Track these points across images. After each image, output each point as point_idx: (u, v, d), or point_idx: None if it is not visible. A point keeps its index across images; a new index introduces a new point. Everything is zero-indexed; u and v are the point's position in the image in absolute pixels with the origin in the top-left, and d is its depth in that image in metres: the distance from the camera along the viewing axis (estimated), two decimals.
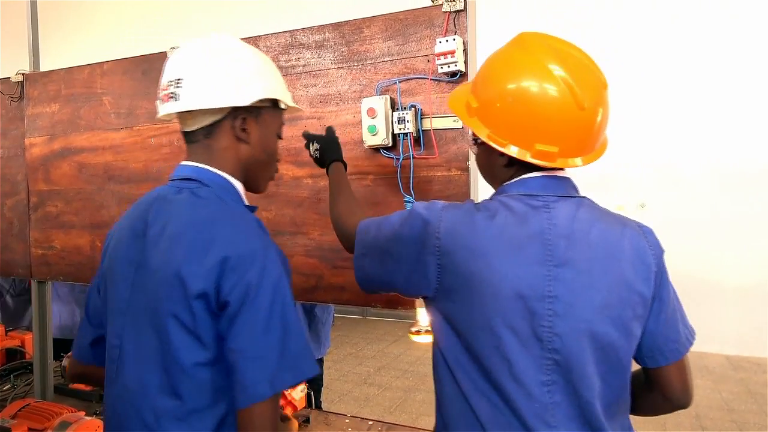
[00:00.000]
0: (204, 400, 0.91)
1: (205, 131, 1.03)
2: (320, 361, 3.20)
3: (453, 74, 1.42)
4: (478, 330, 0.94)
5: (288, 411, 1.25)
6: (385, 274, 1.07)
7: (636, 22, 4.58)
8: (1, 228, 2.29)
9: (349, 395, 4.45)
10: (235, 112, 1.02)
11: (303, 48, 1.66)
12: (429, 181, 1.49)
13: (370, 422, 1.93)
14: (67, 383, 2.28)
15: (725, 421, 3.80)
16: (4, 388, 2.30)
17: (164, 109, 1.03)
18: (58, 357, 2.41)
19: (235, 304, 0.88)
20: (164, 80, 1.03)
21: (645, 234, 1.00)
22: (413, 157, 1.49)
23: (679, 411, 1.04)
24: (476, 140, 1.06)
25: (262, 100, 1.04)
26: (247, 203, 1.07)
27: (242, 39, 1.74)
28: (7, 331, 2.70)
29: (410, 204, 1.48)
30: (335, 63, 1.61)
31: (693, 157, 4.41)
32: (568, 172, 1.02)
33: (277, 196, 1.70)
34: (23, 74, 2.20)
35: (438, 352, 1.03)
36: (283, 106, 1.09)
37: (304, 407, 1.98)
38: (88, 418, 1.83)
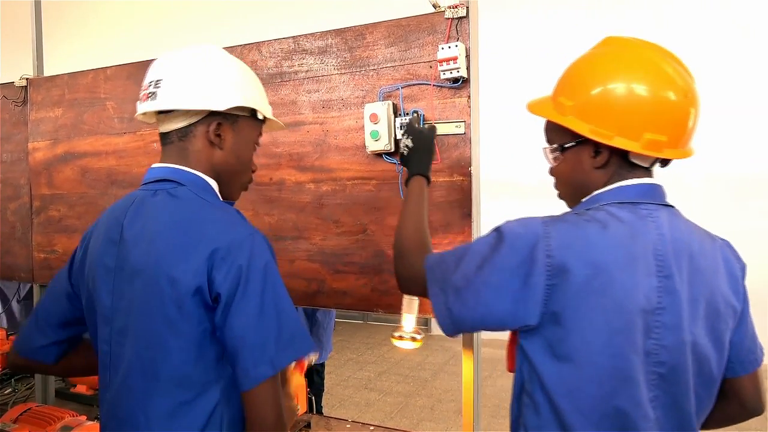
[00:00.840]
0: (191, 395, 0.94)
1: (180, 133, 1.04)
2: (322, 366, 3.19)
3: (455, 80, 1.43)
4: (596, 353, 0.88)
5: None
6: (480, 311, 0.94)
7: (634, 32, 4.60)
8: (3, 232, 2.30)
9: (349, 400, 4.44)
10: (211, 116, 1.03)
11: (306, 54, 1.67)
12: (431, 187, 1.49)
13: (372, 427, 1.93)
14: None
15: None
16: (6, 393, 2.30)
17: (142, 107, 1.05)
18: None
19: (228, 292, 0.91)
20: (145, 81, 1.05)
21: (729, 246, 1.01)
22: None
23: None
24: (561, 147, 1.02)
25: (240, 108, 1.05)
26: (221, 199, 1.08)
27: (246, 45, 1.77)
28: (8, 335, 2.70)
29: None
30: (338, 69, 1.62)
31: (699, 166, 4.42)
32: (657, 179, 1.01)
33: (279, 201, 1.71)
34: (27, 79, 2.21)
35: (537, 387, 0.94)
36: (260, 116, 1.10)
37: (305, 412, 1.98)
38: (89, 422, 1.83)
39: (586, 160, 1.00)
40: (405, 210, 1.19)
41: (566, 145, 1.02)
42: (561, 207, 1.13)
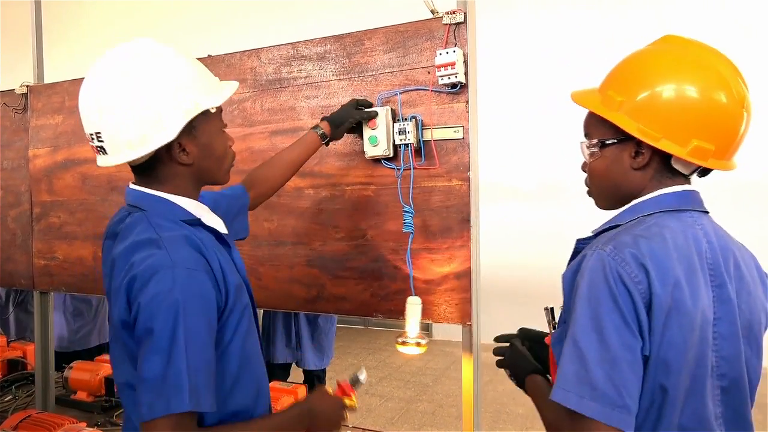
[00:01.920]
0: None
1: (144, 165, 1.01)
2: (323, 372, 3.18)
3: (453, 85, 1.43)
4: (673, 373, 0.85)
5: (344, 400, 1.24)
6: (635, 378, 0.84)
7: (639, 33, 4.61)
8: (4, 239, 2.30)
9: None
10: (167, 144, 0.98)
11: (305, 60, 1.67)
12: (430, 192, 1.50)
13: None
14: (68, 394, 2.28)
15: None
16: (6, 400, 2.29)
17: (101, 161, 1.01)
18: (59, 368, 2.41)
19: (134, 324, 0.91)
20: (85, 127, 0.99)
21: (753, 255, 1.01)
22: (414, 168, 1.50)
23: None
24: (602, 142, 0.98)
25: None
26: (197, 215, 1.05)
27: (245, 51, 1.78)
28: (8, 342, 2.70)
29: (409, 214, 1.48)
30: (337, 75, 1.63)
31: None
32: (695, 186, 0.98)
33: (278, 207, 1.71)
34: (27, 86, 2.22)
35: None
36: (213, 110, 1.02)
37: None
38: (89, 429, 1.83)
39: (626, 160, 0.95)
40: (538, 408, 1.02)
41: (607, 142, 0.97)
42: (562, 211, 1.14)
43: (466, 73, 1.43)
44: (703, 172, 0.98)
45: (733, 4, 4.53)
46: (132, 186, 1.05)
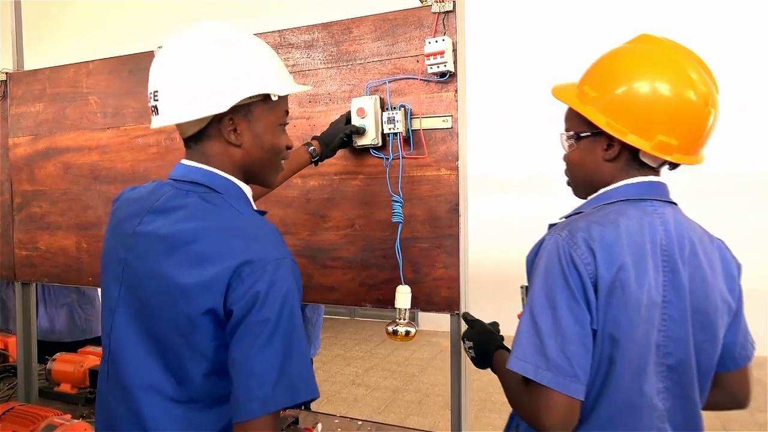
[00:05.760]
0: (198, 407, 0.91)
1: (195, 138, 0.99)
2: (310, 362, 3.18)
3: (442, 74, 1.43)
4: (621, 347, 0.92)
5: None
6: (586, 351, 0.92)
7: (627, 23, 4.63)
8: None
9: (337, 396, 4.44)
10: (220, 116, 0.96)
11: (292, 48, 1.65)
12: (418, 181, 1.50)
13: (360, 422, 1.93)
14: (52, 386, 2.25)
15: (709, 418, 3.85)
16: None
17: (153, 122, 0.99)
18: (42, 360, 2.38)
19: (239, 313, 0.85)
20: (149, 88, 0.99)
21: (726, 246, 1.06)
22: (403, 157, 1.50)
23: None
24: (577, 135, 1.05)
25: (249, 96, 0.96)
26: (255, 207, 1.03)
27: None
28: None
29: (398, 204, 1.48)
30: (324, 63, 1.61)
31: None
32: (663, 178, 1.04)
33: (266, 196, 1.70)
34: (6, 73, 2.16)
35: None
36: (274, 98, 0.99)
37: (293, 408, 1.98)
38: (74, 421, 1.81)
39: (599, 152, 1.03)
40: (501, 380, 1.06)
41: (582, 134, 1.05)
42: (550, 202, 1.15)
43: (455, 62, 1.42)
44: (673, 166, 1.04)
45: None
46: (187, 162, 1.00)
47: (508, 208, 5.63)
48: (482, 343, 1.20)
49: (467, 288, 1.49)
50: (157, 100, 0.96)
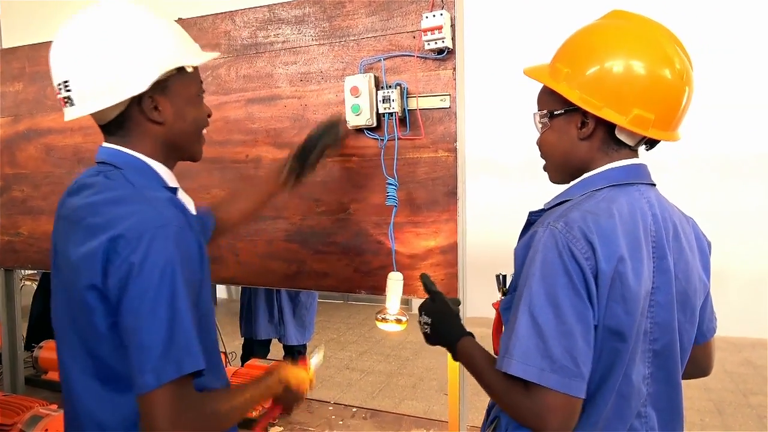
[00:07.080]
0: (120, 387, 0.92)
1: (115, 123, 0.97)
2: (303, 347, 3.16)
3: (440, 51, 1.36)
4: (625, 339, 0.91)
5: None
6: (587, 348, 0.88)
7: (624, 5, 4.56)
8: None
9: (331, 380, 4.42)
10: (139, 97, 0.94)
11: (282, 23, 1.58)
12: (415, 163, 1.44)
13: (354, 409, 1.90)
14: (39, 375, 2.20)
15: (702, 401, 3.87)
16: None
17: (68, 114, 0.96)
18: (29, 348, 2.33)
19: (117, 284, 0.85)
20: (54, 80, 0.96)
21: (696, 224, 1.07)
22: (398, 138, 1.44)
23: None
24: (550, 113, 1.01)
25: (164, 73, 0.95)
26: (171, 184, 1.02)
27: (218, 14, 1.67)
28: None
29: (393, 187, 1.43)
30: (316, 39, 1.54)
31: (687, 148, 4.44)
32: (642, 160, 1.02)
33: (257, 180, 1.64)
34: None
35: None
36: (189, 69, 1.00)
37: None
38: (60, 411, 1.76)
39: (573, 131, 0.99)
40: (478, 374, 1.01)
41: (555, 112, 1.01)
42: (548, 186, 1.11)
43: (453, 38, 1.36)
44: (650, 145, 1.02)
45: None
46: (105, 144, 1.00)
47: (505, 193, 5.57)
48: (442, 324, 1.12)
49: (465, 274, 1.45)
50: (69, 91, 0.93)
